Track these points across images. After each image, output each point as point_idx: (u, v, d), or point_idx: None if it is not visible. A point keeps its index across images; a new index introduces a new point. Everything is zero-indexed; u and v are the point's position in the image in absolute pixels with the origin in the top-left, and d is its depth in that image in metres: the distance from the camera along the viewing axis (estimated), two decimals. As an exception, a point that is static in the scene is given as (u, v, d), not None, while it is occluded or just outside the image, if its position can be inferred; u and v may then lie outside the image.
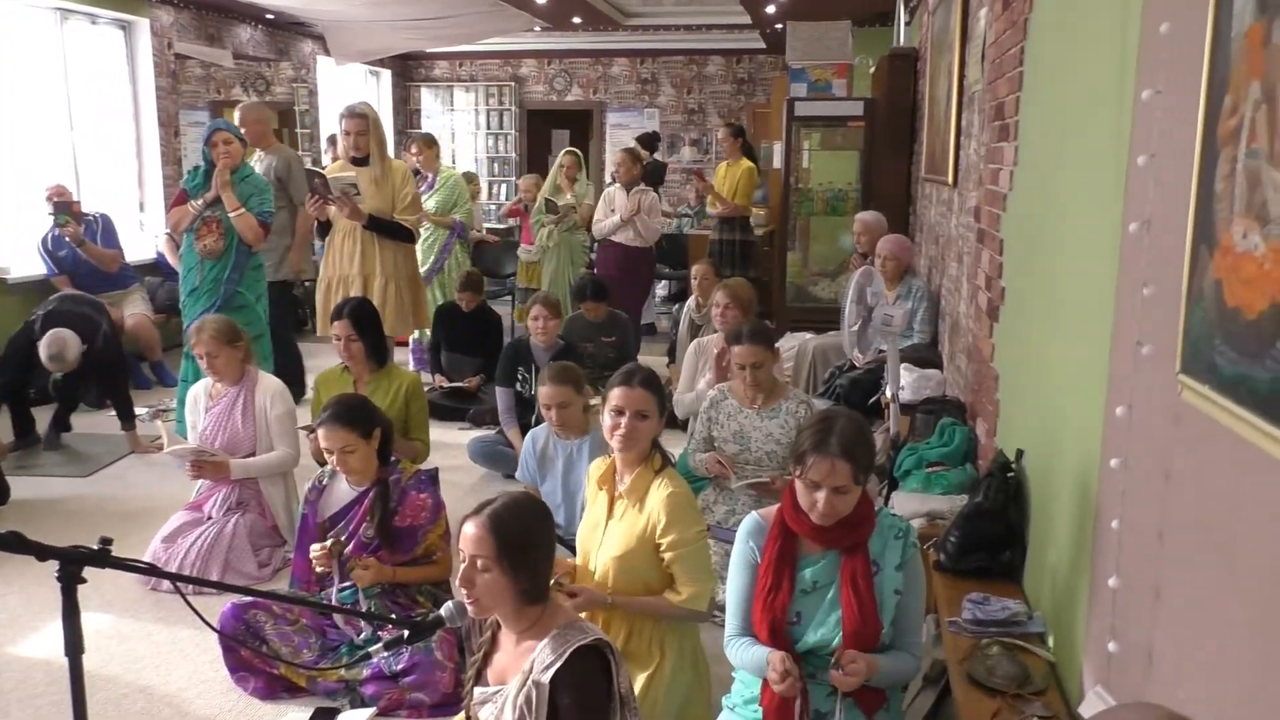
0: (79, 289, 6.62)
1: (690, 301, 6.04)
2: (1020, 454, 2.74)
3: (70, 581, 1.63)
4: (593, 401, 3.86)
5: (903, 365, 4.38)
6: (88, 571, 1.65)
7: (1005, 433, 3.10)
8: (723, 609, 2.68)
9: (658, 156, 10.18)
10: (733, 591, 2.29)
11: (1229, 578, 1.37)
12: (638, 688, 2.47)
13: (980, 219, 3.80)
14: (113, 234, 6.89)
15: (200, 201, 4.93)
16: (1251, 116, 1.28)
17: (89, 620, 1.67)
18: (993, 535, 2.62)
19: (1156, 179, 1.65)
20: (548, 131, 13.63)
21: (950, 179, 4.84)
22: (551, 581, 2.12)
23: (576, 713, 1.90)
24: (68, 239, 6.48)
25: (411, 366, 6.80)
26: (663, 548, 2.57)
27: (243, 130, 5.63)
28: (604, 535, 2.66)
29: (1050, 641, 2.28)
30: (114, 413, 5.40)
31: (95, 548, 1.66)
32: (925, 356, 4.94)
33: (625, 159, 7.12)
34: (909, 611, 2.19)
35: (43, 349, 4.91)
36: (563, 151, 7.75)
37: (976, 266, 3.85)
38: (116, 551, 1.67)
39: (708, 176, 8.24)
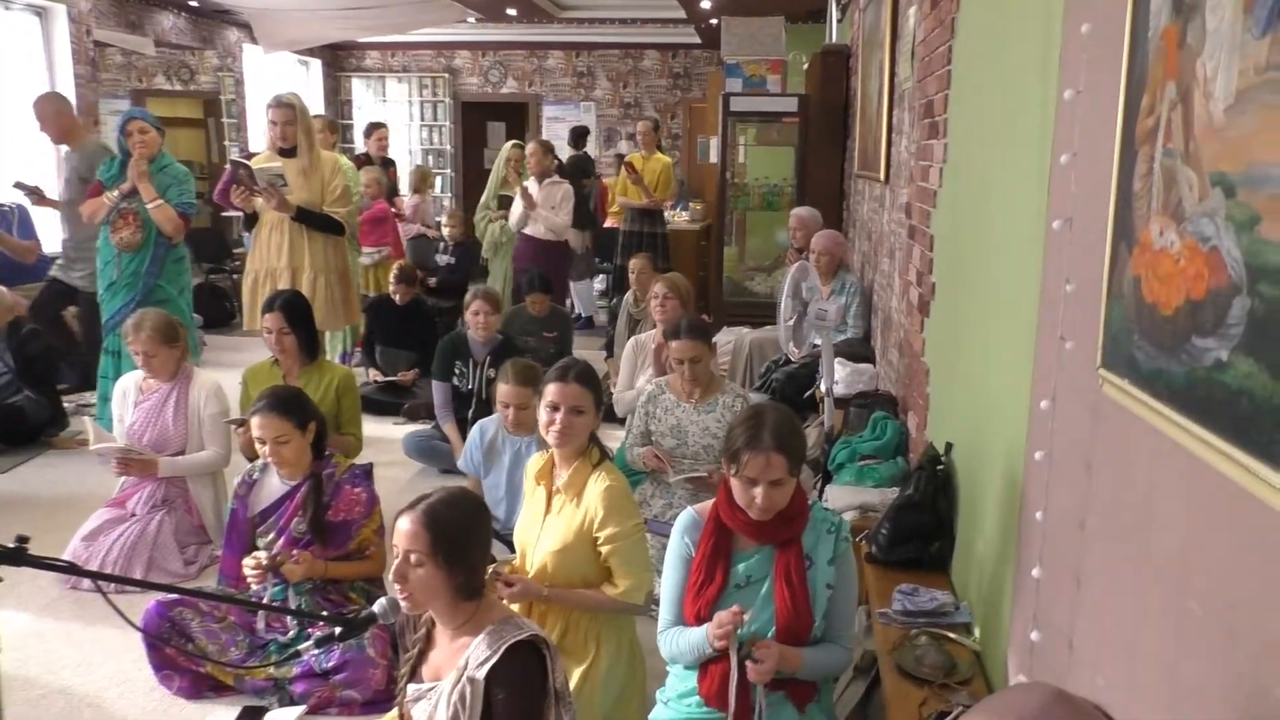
0: (-5, 280, 6.39)
1: (628, 296, 6.05)
2: (949, 447, 2.79)
3: (-16, 582, 1.58)
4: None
5: (836, 360, 4.44)
6: (3, 570, 1.60)
7: (935, 426, 3.16)
8: (659, 603, 2.70)
9: (589, 150, 10.16)
10: (667, 586, 2.30)
11: (1146, 565, 1.41)
12: (573, 682, 2.47)
13: (911, 215, 3.87)
14: (29, 225, 6.67)
15: (116, 193, 4.78)
16: (1167, 116, 1.32)
17: (5, 620, 1.62)
18: (922, 527, 2.67)
19: (1078, 177, 1.70)
20: (483, 124, 13.52)
21: (882, 175, 4.91)
22: (489, 571, 2.10)
23: (511, 708, 1.89)
24: None
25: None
26: (600, 541, 2.57)
27: (42, 126, 5.42)
28: (542, 530, 2.66)
29: (976, 631, 2.34)
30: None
31: (10, 545, 1.61)
32: (858, 351, 5.02)
33: (536, 149, 7.08)
34: (840, 605, 2.22)
35: None
36: (509, 145, 7.69)
37: (908, 262, 3.92)
38: (34, 549, 1.63)
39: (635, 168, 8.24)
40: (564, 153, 8.88)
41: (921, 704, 2.01)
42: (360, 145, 12.74)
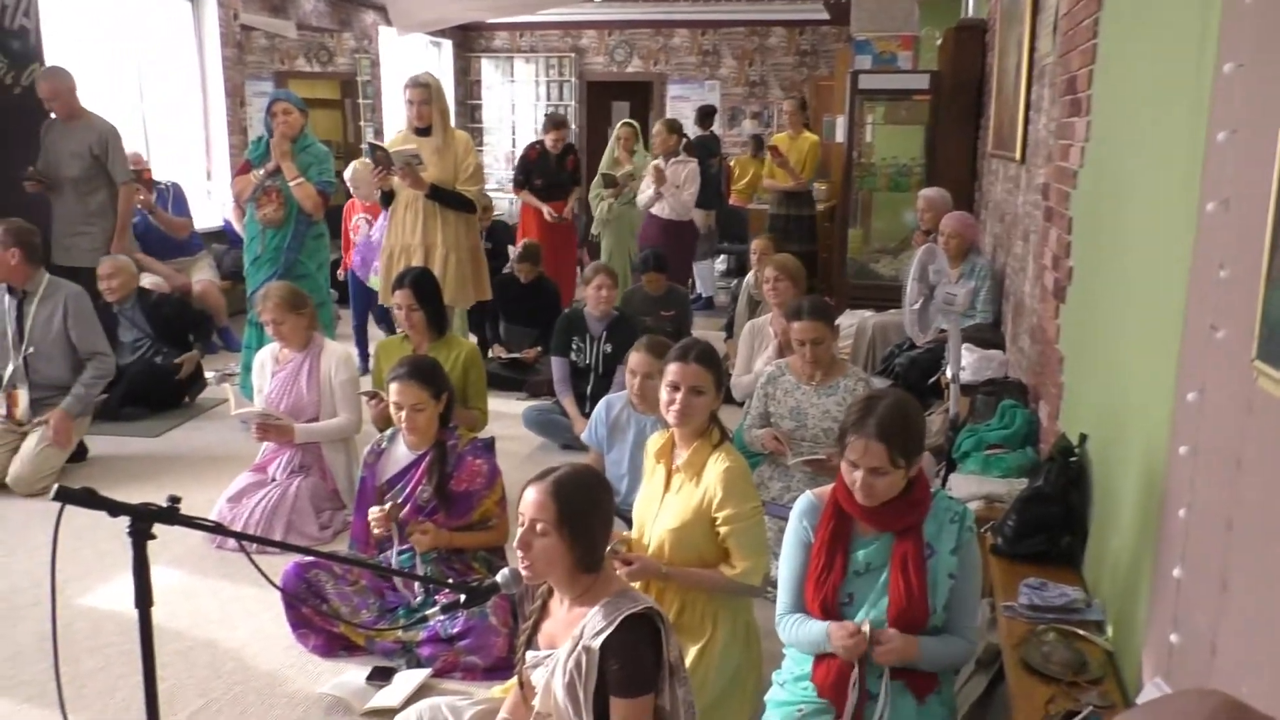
0: (149, 254, 6.81)
1: (749, 276, 6.01)
2: (1084, 438, 2.68)
3: (140, 537, 1.68)
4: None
5: (964, 345, 4.32)
6: (157, 528, 1.70)
7: (1069, 416, 3.04)
8: (776, 585, 2.68)
9: (716, 130, 10.10)
10: (785, 570, 2.28)
11: (1300, 569, 1.33)
12: (689, 660, 2.48)
13: (1048, 196, 3.72)
14: (183, 202, 7.06)
15: (262, 171, 5.01)
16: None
17: (157, 575, 1.72)
18: (1052, 520, 2.58)
19: (1236, 156, 1.60)
20: (608, 103, 13.58)
21: (1018, 155, 4.73)
22: (609, 548, 2.14)
23: (624, 678, 1.92)
24: (140, 206, 6.64)
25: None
26: (718, 522, 2.57)
27: (50, 103, 5.41)
28: (660, 508, 2.67)
29: (1109, 630, 2.25)
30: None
31: (164, 505, 1.71)
32: (987, 337, 4.86)
33: (661, 130, 7.08)
34: (963, 596, 2.17)
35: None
36: (620, 123, 7.72)
37: (1043, 245, 3.77)
38: (184, 510, 1.72)
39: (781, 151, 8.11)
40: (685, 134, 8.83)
41: (1048, 701, 1.95)
42: (489, 124, 13.04)
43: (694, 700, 2.06)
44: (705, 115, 9.73)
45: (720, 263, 9.90)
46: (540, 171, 7.24)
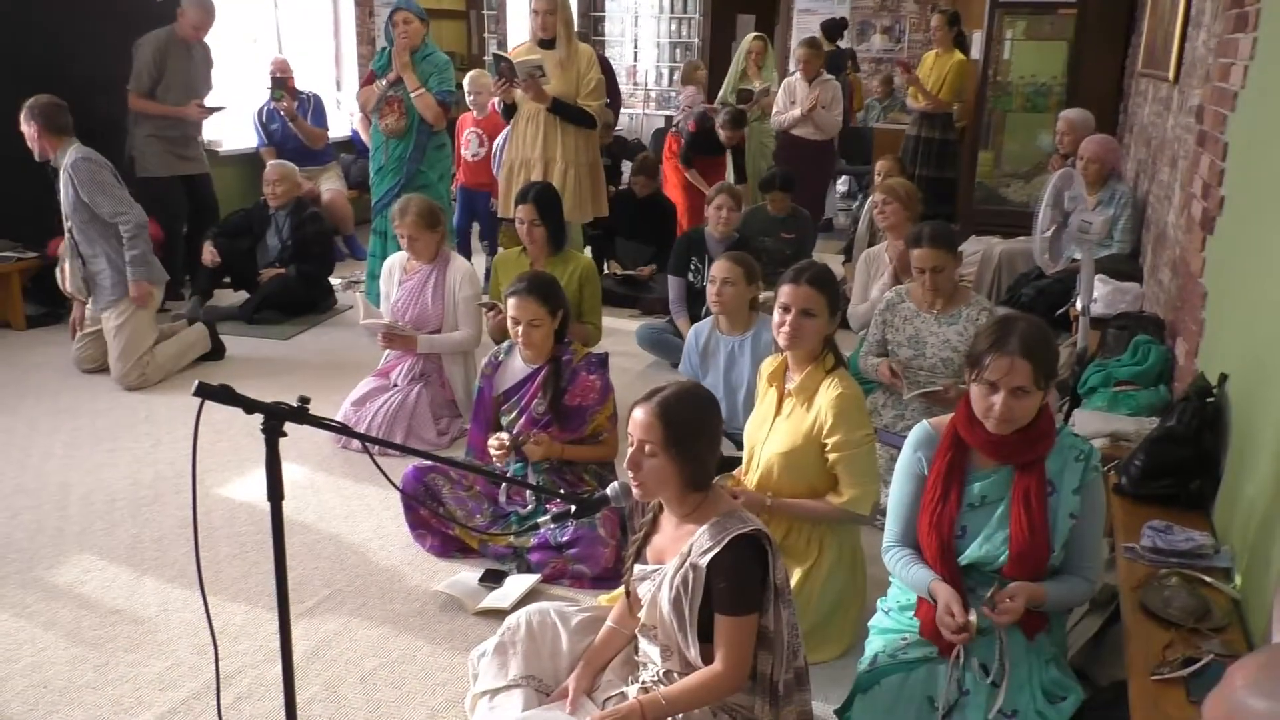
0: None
1: (872, 198, 5.83)
2: (1224, 378, 2.54)
3: (273, 434, 1.76)
4: (762, 297, 3.83)
5: (1097, 276, 4.13)
6: (287, 426, 1.78)
7: (1208, 355, 2.88)
8: (884, 514, 2.66)
9: (844, 44, 9.74)
10: (895, 500, 2.25)
11: None
12: (794, 581, 2.50)
13: (1203, 120, 3.47)
14: (322, 113, 7.24)
15: (384, 81, 5.06)
16: None
17: (287, 471, 1.80)
18: (1182, 462, 2.46)
19: None
20: (732, 17, 13.22)
21: (1171, 74, 4.42)
22: (716, 480, 2.15)
23: (730, 596, 1.94)
24: (282, 113, 6.85)
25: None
26: (828, 448, 2.55)
27: (196, 30, 5.70)
28: (770, 431, 2.67)
29: (1237, 578, 2.15)
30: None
31: (295, 405, 1.78)
32: (1123, 268, 4.64)
33: (806, 50, 6.85)
34: (1085, 537, 2.10)
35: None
36: (749, 36, 7.51)
37: (1193, 173, 3.54)
38: (311, 410, 1.80)
39: (912, 66, 7.76)
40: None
41: (1166, 646, 1.89)
42: (610, 37, 12.87)
43: (798, 622, 2.07)
44: (834, 29, 9.37)
45: (841, 184, 9.65)
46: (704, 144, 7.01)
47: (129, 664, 2.61)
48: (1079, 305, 3.80)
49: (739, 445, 2.97)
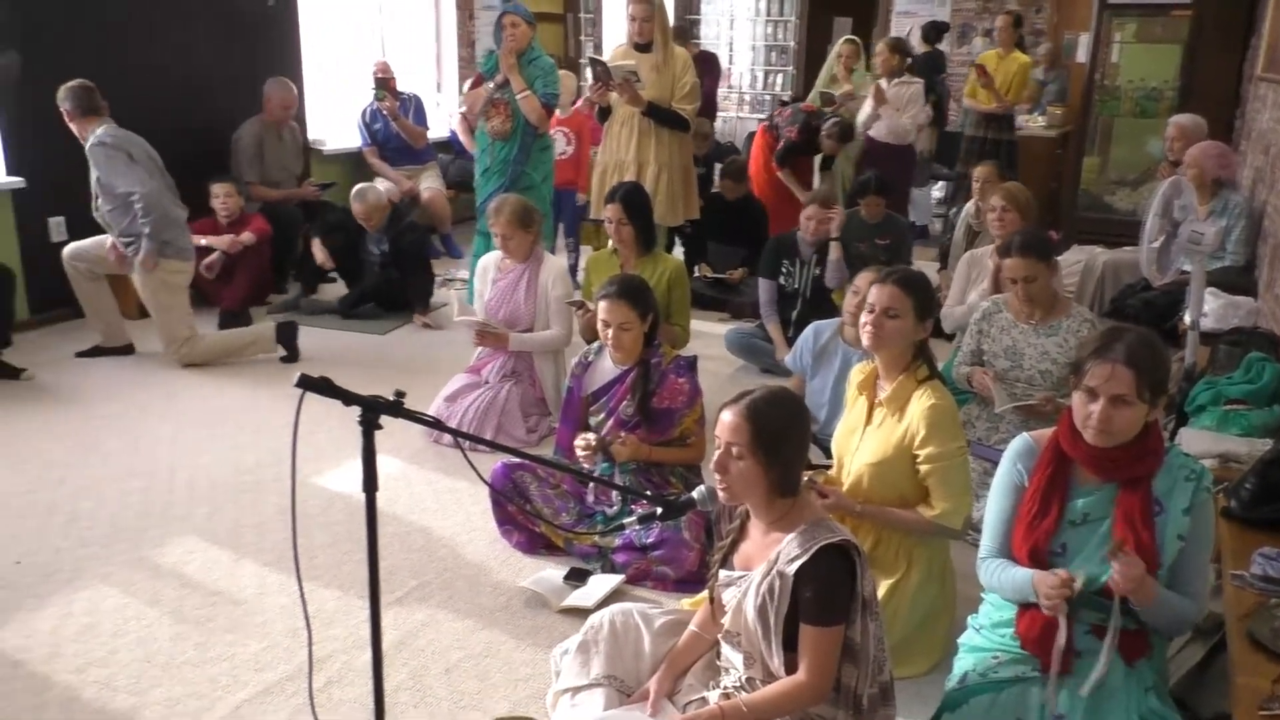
0: (383, 160, 7.23)
1: (969, 206, 5.70)
2: (1345, 400, 2.42)
3: (370, 427, 1.81)
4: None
5: (1208, 289, 3.96)
6: (383, 419, 1.82)
7: (1328, 374, 2.74)
8: (976, 528, 2.60)
9: (943, 48, 9.53)
10: (992, 513, 2.19)
11: None
12: (881, 594, 2.46)
13: (1328, 128, 3.31)
14: (422, 113, 7.42)
15: (491, 84, 5.14)
16: None
17: (381, 463, 1.85)
18: (1298, 486, 2.35)
19: None
20: (829, 19, 13.07)
21: (1294, 80, 4.22)
22: (804, 479, 2.13)
23: (817, 607, 1.92)
24: (384, 113, 7.04)
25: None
26: (919, 459, 2.51)
27: (282, 112, 6.03)
28: (860, 441, 2.63)
29: (1355, 611, 2.04)
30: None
31: (391, 399, 1.82)
32: (1236, 281, 4.44)
33: (882, 49, 6.73)
34: (1191, 561, 2.01)
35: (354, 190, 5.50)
36: (841, 40, 7.43)
37: (1316, 183, 3.37)
38: (406, 405, 1.84)
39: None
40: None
41: (1276, 680, 1.80)
42: (705, 40, 12.87)
43: (884, 636, 2.04)
44: (934, 31, 9.19)
45: (937, 189, 9.46)
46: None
47: (227, 643, 2.71)
48: (1188, 319, 3.65)
49: (829, 453, 2.94)
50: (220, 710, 2.44)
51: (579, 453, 3.24)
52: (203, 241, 5.55)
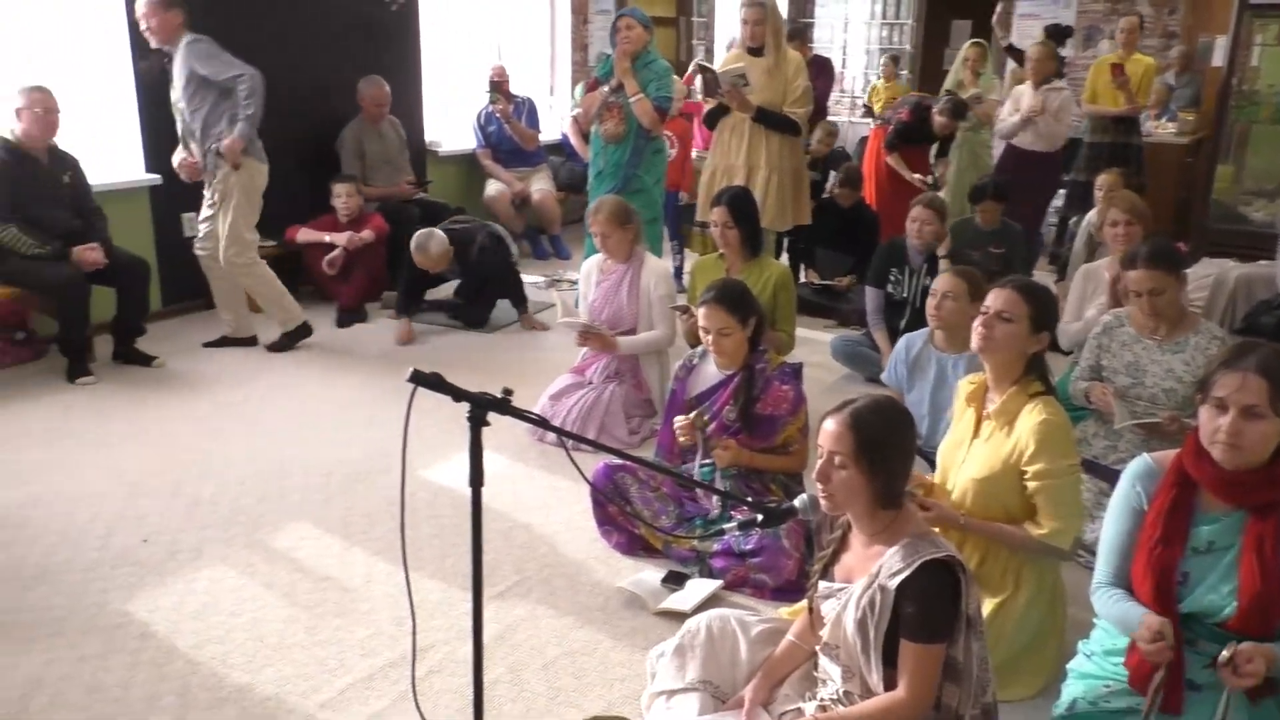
0: (497, 162, 7.38)
1: (1092, 215, 5.50)
2: None
3: (477, 423, 1.84)
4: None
5: (1352, 308, 3.73)
6: (490, 415, 1.85)
7: None
8: (1088, 550, 2.50)
9: (1067, 52, 9.23)
10: (1108, 537, 2.10)
11: None
12: (986, 613, 2.38)
13: None
14: (535, 116, 7.57)
15: (606, 88, 5.18)
16: None
17: (486, 459, 1.88)
18: None
19: None
20: (947, 22, 12.78)
21: None
22: (906, 490, 2.08)
23: (918, 623, 1.88)
24: (498, 115, 7.19)
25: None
26: (1028, 476, 2.42)
27: (378, 108, 6.27)
28: (966, 454, 2.56)
29: None
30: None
31: (499, 396, 1.86)
32: (1384, 300, 4.17)
33: (1041, 52, 6.53)
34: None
35: (413, 240, 5.42)
36: (967, 44, 7.26)
37: None
38: (513, 403, 1.87)
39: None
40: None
41: None
42: (818, 43, 12.73)
43: (988, 656, 1.98)
44: (1058, 34, 8.89)
45: (1057, 198, 9.15)
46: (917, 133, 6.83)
47: (335, 628, 2.80)
48: (1328, 339, 3.45)
49: (934, 465, 2.87)
50: (327, 692, 2.52)
51: (678, 434, 3.24)
52: (326, 238, 5.76)
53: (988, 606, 2.44)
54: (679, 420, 3.25)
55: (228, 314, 5.28)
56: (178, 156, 4.96)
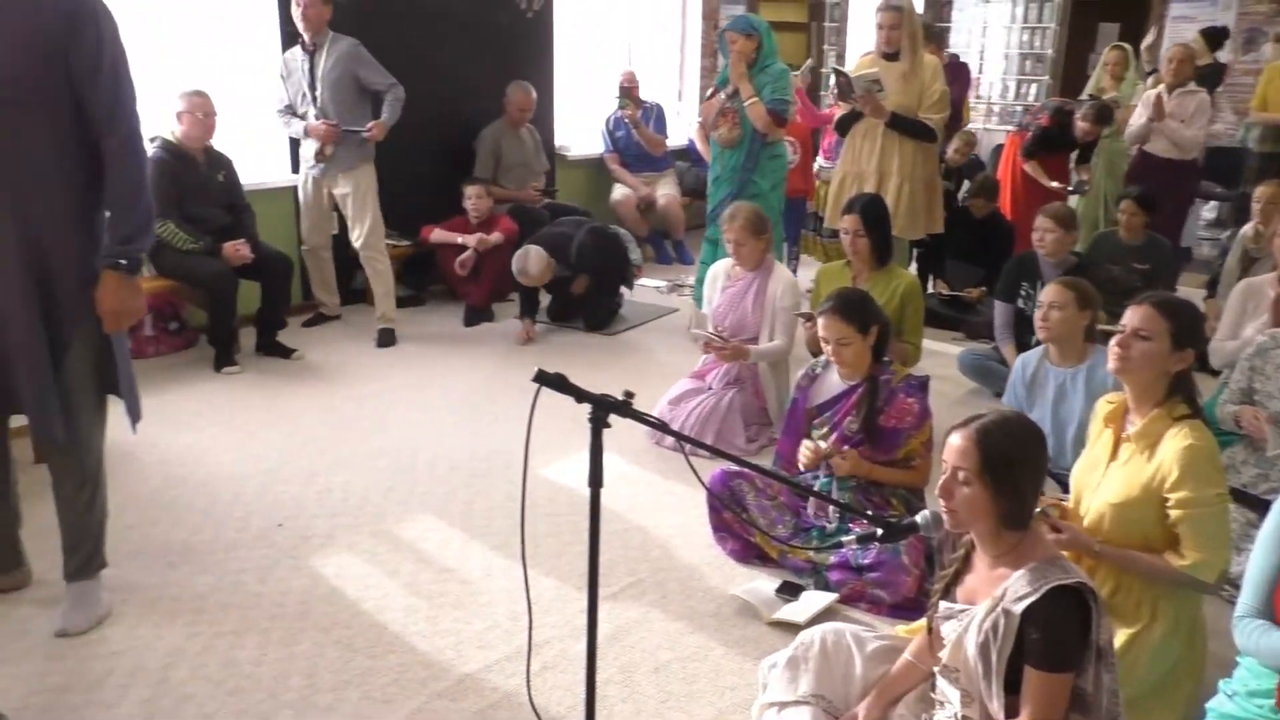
0: (624, 166, 7.45)
1: (1247, 229, 5.19)
2: None
3: (599, 424, 1.87)
4: (1102, 328, 3.53)
5: None
6: (612, 417, 1.88)
7: None
8: (1233, 584, 2.36)
9: (1222, 56, 8.73)
10: (1256, 568, 1.98)
11: None
12: (1119, 644, 2.28)
13: None
14: (663, 122, 7.63)
15: (723, 94, 5.18)
16: None
17: (606, 460, 1.90)
18: None
19: None
20: (1093, 24, 12.26)
21: None
22: (1038, 511, 2.01)
23: (1043, 650, 1.81)
24: (627, 120, 7.28)
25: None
26: (1170, 503, 2.30)
27: (523, 113, 6.44)
28: (1103, 478, 2.45)
29: None
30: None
31: (620, 398, 1.88)
32: None
33: (1177, 53, 6.21)
34: None
35: (513, 265, 5.48)
36: (1109, 47, 6.96)
37: None
38: (634, 406, 1.88)
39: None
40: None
41: None
42: (955, 46, 12.41)
43: (1119, 690, 1.89)
44: (1216, 37, 8.43)
45: (1208, 209, 8.68)
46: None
47: (454, 619, 2.88)
48: None
49: (1064, 487, 2.76)
50: (445, 681, 2.59)
51: (802, 457, 3.20)
52: (458, 239, 5.93)
53: (1121, 638, 2.32)
54: (807, 445, 3.21)
55: (326, 295, 5.78)
56: (303, 124, 5.30)
